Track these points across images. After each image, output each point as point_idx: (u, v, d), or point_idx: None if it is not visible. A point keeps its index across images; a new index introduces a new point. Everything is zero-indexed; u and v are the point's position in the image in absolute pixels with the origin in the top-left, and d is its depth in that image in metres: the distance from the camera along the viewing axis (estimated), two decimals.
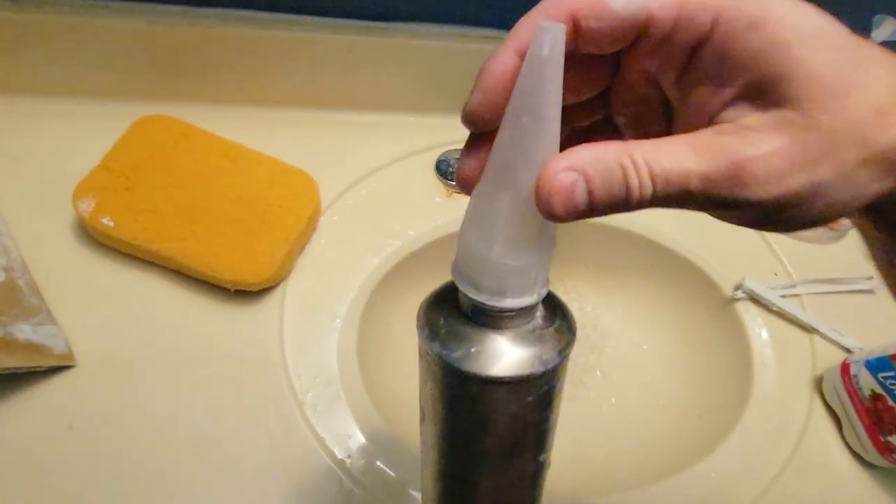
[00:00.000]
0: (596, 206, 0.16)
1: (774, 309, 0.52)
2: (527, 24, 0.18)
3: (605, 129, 0.22)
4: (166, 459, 0.39)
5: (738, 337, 0.52)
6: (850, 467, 0.46)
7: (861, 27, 0.50)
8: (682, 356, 0.56)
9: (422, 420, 0.22)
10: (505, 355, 0.18)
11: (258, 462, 0.40)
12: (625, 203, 0.16)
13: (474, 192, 0.18)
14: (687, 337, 0.57)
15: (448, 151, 0.57)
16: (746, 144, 0.15)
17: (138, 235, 0.43)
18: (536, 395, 0.19)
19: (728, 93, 0.17)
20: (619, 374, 0.56)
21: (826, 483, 0.45)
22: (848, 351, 0.50)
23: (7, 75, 0.51)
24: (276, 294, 0.47)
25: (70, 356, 0.41)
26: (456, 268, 0.19)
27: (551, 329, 0.19)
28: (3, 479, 0.37)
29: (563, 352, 0.19)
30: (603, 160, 0.16)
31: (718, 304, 0.54)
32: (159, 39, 0.49)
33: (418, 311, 0.20)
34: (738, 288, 0.53)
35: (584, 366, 0.57)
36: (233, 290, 0.44)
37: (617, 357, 0.57)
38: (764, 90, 0.16)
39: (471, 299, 0.18)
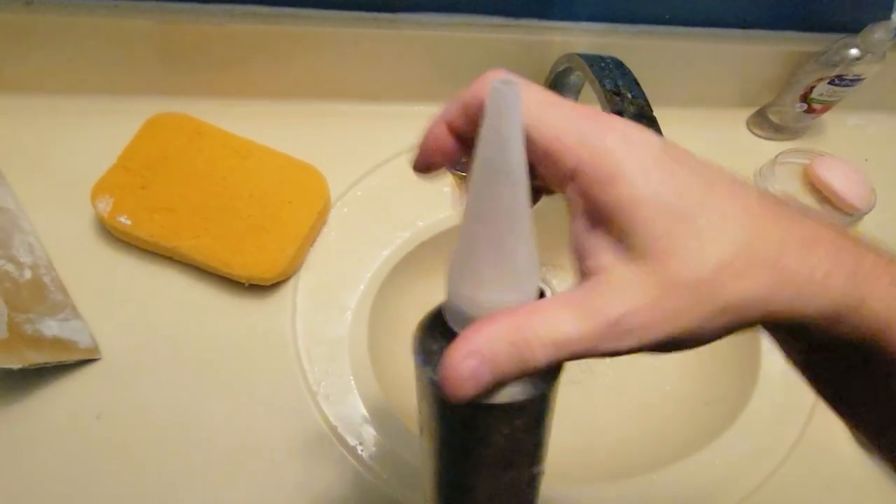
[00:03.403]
0: (499, 380, 0.17)
1: None
2: (456, 100, 0.20)
3: None
4: (185, 447, 0.42)
5: None
6: (855, 453, 0.46)
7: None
8: None
9: (420, 432, 0.23)
10: None
11: (273, 450, 0.42)
12: (524, 372, 0.17)
13: (461, 232, 0.19)
14: None
15: None
16: (616, 303, 0.17)
17: (155, 233, 0.45)
18: (526, 418, 0.20)
19: (598, 235, 0.18)
20: (626, 361, 0.57)
21: (830, 469, 0.46)
22: None
23: (24, 75, 0.52)
24: (288, 287, 0.48)
25: (95, 350, 0.43)
26: (447, 307, 0.19)
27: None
28: (38, 466, 0.40)
29: (553, 376, 0.19)
30: (495, 342, 0.17)
31: None
32: (168, 37, 0.50)
33: (413, 334, 0.21)
34: None
35: None
36: (247, 284, 0.46)
37: None
38: (625, 241, 0.17)
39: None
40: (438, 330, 0.20)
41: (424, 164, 0.21)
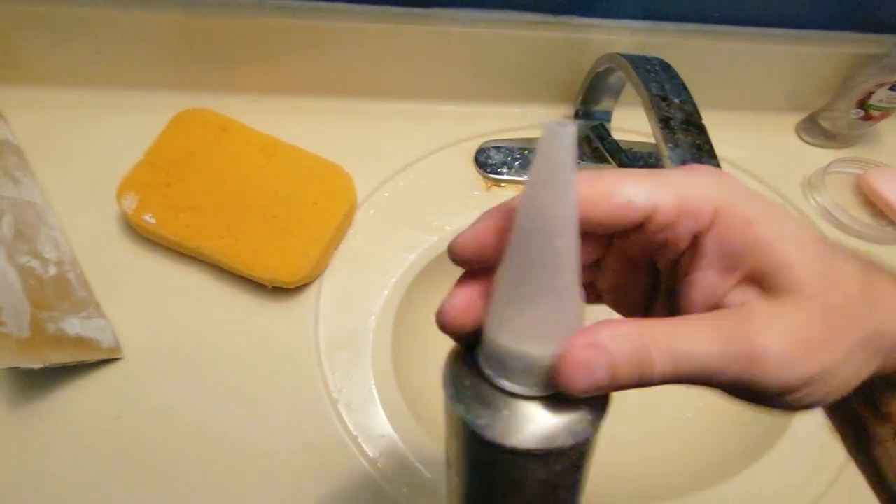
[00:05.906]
0: (617, 383, 0.16)
1: None
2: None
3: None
4: (204, 451, 0.41)
5: None
6: None
7: None
8: None
9: (447, 467, 0.22)
10: (532, 425, 0.17)
11: (291, 457, 0.41)
12: (646, 380, 0.16)
13: (498, 281, 0.17)
14: None
15: (488, 142, 0.55)
16: (760, 330, 0.16)
17: (179, 233, 0.44)
18: (565, 464, 0.18)
19: (732, 278, 0.18)
20: None
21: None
22: None
23: (52, 67, 0.52)
24: (312, 290, 0.47)
25: (117, 349, 0.43)
26: (485, 360, 0.18)
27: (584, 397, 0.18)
28: (58, 465, 0.40)
29: (596, 422, 0.18)
30: (626, 338, 0.16)
31: None
32: (196, 30, 0.49)
33: (443, 367, 0.19)
34: None
35: None
36: (270, 287, 0.45)
37: None
38: (764, 279, 0.17)
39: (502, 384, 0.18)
40: (473, 363, 0.18)
41: (460, 257, 0.18)
